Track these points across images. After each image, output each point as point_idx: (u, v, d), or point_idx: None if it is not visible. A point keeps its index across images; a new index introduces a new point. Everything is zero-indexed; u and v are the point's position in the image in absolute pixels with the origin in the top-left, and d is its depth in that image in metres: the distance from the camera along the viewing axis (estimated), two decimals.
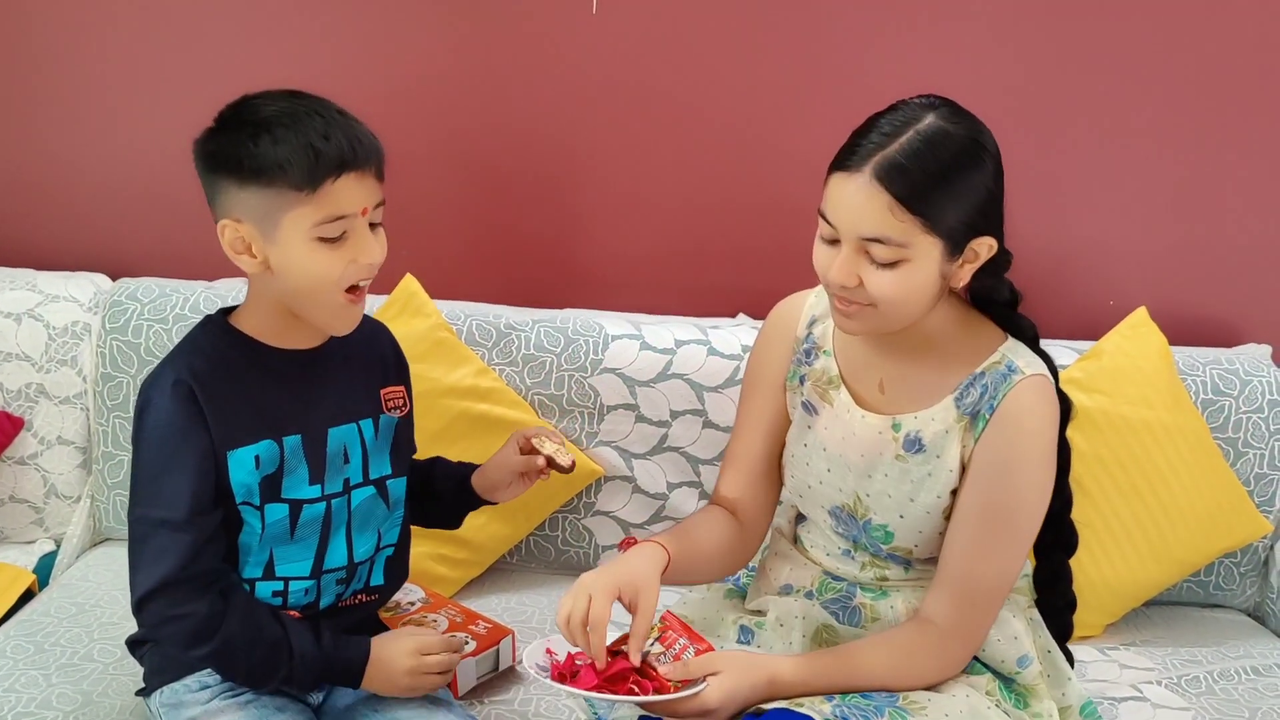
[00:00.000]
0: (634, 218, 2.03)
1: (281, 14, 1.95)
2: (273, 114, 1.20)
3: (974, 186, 1.21)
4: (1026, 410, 1.26)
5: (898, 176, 1.18)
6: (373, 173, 1.23)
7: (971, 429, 1.28)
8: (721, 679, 1.21)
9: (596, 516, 1.88)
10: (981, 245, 1.24)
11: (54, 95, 2.00)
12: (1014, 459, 1.26)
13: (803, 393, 1.40)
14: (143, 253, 2.03)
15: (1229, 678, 1.68)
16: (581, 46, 1.94)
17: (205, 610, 1.22)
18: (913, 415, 1.31)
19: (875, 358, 1.35)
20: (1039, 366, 1.29)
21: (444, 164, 2.01)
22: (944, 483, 1.30)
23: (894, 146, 1.19)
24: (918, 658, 1.28)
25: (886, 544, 1.35)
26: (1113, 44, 1.91)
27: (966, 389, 1.29)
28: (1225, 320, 2.02)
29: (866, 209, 1.19)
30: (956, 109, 1.25)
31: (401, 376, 1.42)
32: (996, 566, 1.28)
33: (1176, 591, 1.87)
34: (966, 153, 1.21)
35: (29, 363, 1.87)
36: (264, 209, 1.20)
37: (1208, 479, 1.80)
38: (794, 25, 1.92)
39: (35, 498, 1.90)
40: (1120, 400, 1.79)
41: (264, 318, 1.29)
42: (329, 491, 1.32)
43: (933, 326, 1.30)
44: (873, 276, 1.21)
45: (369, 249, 1.23)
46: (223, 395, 1.25)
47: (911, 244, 1.19)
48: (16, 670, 1.52)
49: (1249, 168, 1.96)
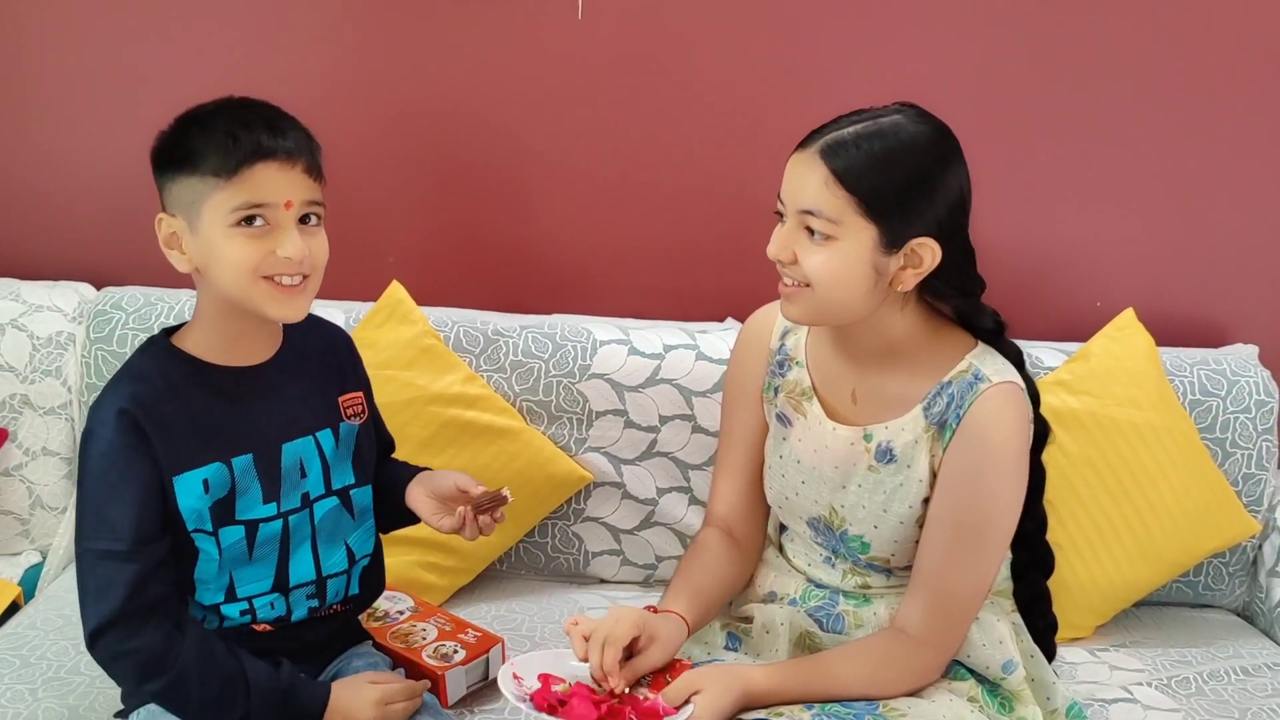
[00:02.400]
0: (621, 223, 2.02)
1: (271, 22, 1.94)
2: (208, 110, 1.22)
3: (917, 180, 1.21)
4: (992, 419, 1.25)
5: (840, 152, 1.21)
6: (300, 167, 1.21)
7: (940, 438, 1.28)
8: (706, 698, 1.22)
9: (586, 523, 1.87)
10: (924, 248, 1.23)
11: (37, 103, 1.99)
12: (981, 469, 1.26)
13: (777, 404, 1.41)
14: (127, 262, 2.01)
15: (1219, 678, 1.68)
16: (568, 51, 1.94)
17: (158, 643, 1.20)
18: (884, 425, 1.31)
19: (846, 368, 1.35)
20: (1009, 374, 1.28)
21: (430, 170, 2.01)
22: (915, 493, 1.30)
23: (847, 130, 1.23)
24: (893, 666, 1.28)
25: (864, 554, 1.35)
26: (1100, 44, 1.91)
27: (934, 398, 1.29)
28: (1212, 320, 2.03)
29: (806, 180, 1.22)
30: (926, 115, 1.26)
31: (359, 382, 1.40)
32: (969, 576, 1.28)
33: (1166, 592, 1.88)
34: (920, 149, 1.22)
35: (13, 373, 1.86)
36: (189, 199, 1.20)
37: (1196, 479, 1.80)
38: (781, 28, 1.92)
39: (20, 509, 1.88)
40: (1108, 401, 1.79)
41: (208, 332, 1.27)
42: (286, 508, 1.29)
43: (899, 334, 1.30)
44: (806, 252, 1.23)
45: (287, 242, 1.19)
46: (167, 420, 1.22)
47: (843, 222, 1.21)
48: (2, 684, 1.51)
49: (1236, 168, 1.97)
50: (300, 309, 1.24)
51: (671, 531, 1.87)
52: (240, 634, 1.30)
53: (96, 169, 2.01)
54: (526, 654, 1.34)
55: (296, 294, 1.23)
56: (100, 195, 2.02)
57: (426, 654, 1.52)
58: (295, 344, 1.33)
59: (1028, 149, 1.97)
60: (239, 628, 1.29)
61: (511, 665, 1.29)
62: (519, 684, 1.26)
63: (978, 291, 1.30)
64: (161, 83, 1.97)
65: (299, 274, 1.22)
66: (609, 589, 1.89)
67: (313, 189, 1.23)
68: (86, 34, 1.96)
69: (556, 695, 1.24)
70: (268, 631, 1.31)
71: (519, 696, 1.24)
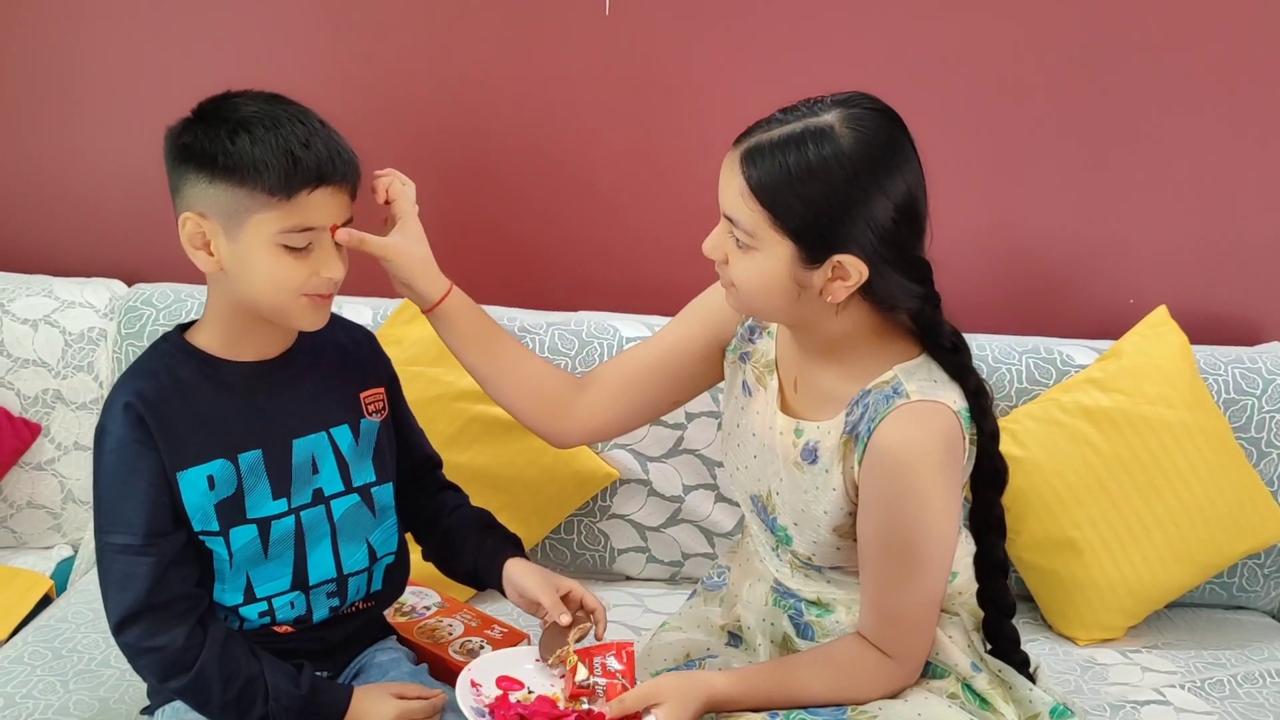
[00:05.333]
0: (648, 219, 2.02)
1: (299, 19, 1.95)
2: (253, 114, 1.18)
3: (838, 200, 1.13)
4: (901, 441, 1.16)
5: (756, 163, 1.15)
6: (347, 190, 1.22)
7: (853, 450, 1.20)
8: (667, 710, 1.19)
9: (612, 520, 1.87)
10: (850, 264, 1.14)
11: (67, 100, 2.01)
12: (898, 491, 1.18)
13: (744, 371, 1.37)
14: (158, 258, 2.03)
15: (1253, 681, 1.66)
16: (596, 48, 1.94)
17: (181, 640, 1.20)
18: (815, 424, 1.25)
19: (794, 354, 1.30)
20: (936, 394, 1.18)
21: (459, 167, 2.01)
22: (831, 500, 1.24)
23: (773, 134, 1.15)
24: (858, 675, 1.25)
25: (789, 546, 1.31)
26: (1135, 42, 1.89)
27: (854, 405, 1.21)
28: (1247, 319, 2.00)
29: (727, 185, 1.18)
30: (870, 116, 1.16)
31: (381, 378, 1.39)
32: (913, 593, 1.22)
33: (1199, 593, 1.86)
34: (838, 166, 1.12)
35: (45, 369, 1.88)
36: (231, 208, 1.17)
37: (1229, 479, 1.78)
38: (811, 27, 1.91)
39: (53, 503, 1.90)
40: (1140, 400, 1.77)
41: (221, 328, 1.26)
42: (297, 504, 1.29)
43: (837, 334, 1.23)
44: (734, 257, 1.20)
45: (332, 264, 1.21)
46: (171, 415, 1.22)
47: (758, 235, 1.16)
48: (35, 676, 1.53)
49: (1270, 165, 1.94)
50: (325, 317, 1.26)
51: (698, 528, 1.87)
52: (260, 637, 1.29)
53: (127, 166, 2.03)
54: (482, 657, 1.31)
55: (325, 304, 1.25)
56: (131, 192, 2.04)
57: (453, 649, 1.52)
58: (310, 340, 1.32)
59: (1062, 146, 1.95)
60: (259, 630, 1.29)
61: (469, 672, 1.26)
62: (477, 692, 1.24)
63: (931, 305, 1.20)
64: (190, 80, 1.97)
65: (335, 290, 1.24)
66: (635, 586, 1.89)
67: (350, 208, 1.24)
68: (115, 31, 1.98)
69: (515, 710, 1.21)
70: (289, 634, 1.31)
71: (476, 711, 1.20)
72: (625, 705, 1.20)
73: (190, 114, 1.22)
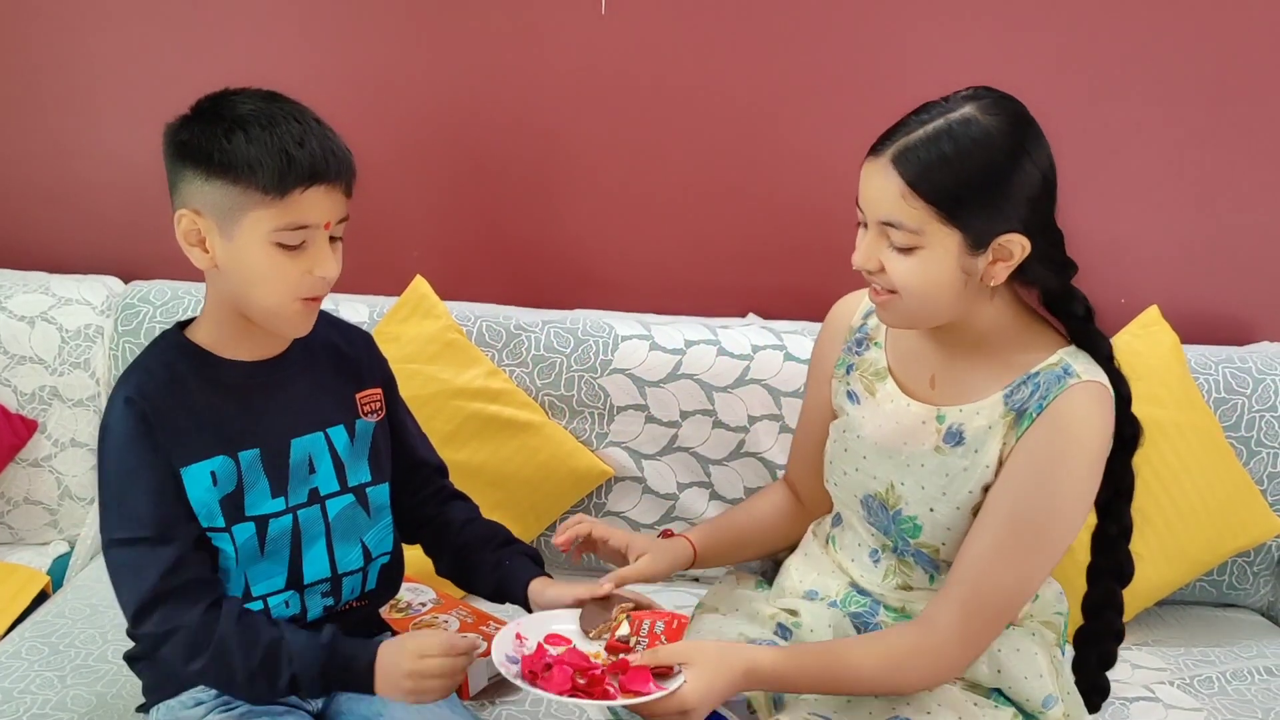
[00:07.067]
0: (643, 218, 2.03)
1: (296, 18, 1.96)
2: (249, 112, 1.18)
3: (998, 181, 1.18)
4: (1077, 415, 1.21)
5: (912, 162, 1.18)
6: (341, 187, 1.22)
7: (1016, 426, 1.23)
8: (697, 674, 1.16)
9: (607, 517, 1.88)
10: (1013, 243, 1.20)
11: (64, 97, 2.01)
12: (1054, 462, 1.21)
13: (849, 381, 1.39)
14: (155, 255, 2.03)
15: (1242, 678, 1.67)
16: (591, 47, 1.94)
17: (197, 619, 1.19)
18: (958, 408, 1.28)
19: (928, 352, 1.33)
20: (1099, 375, 1.24)
21: (454, 165, 2.02)
22: (978, 478, 1.25)
23: (919, 133, 1.18)
24: (911, 663, 1.23)
25: (914, 538, 1.31)
26: (1125, 41, 1.90)
27: (1018, 387, 1.25)
28: (1237, 318, 2.01)
29: (883, 192, 1.20)
30: (1002, 101, 1.22)
31: (378, 379, 1.39)
32: (1014, 576, 1.23)
33: (1189, 591, 1.87)
34: (994, 146, 1.18)
35: (42, 365, 1.88)
36: (226, 205, 1.18)
37: (1220, 478, 1.79)
38: (805, 25, 1.92)
39: (49, 499, 1.91)
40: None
41: (218, 325, 1.27)
42: (294, 503, 1.29)
43: (986, 324, 1.27)
44: (892, 262, 1.21)
45: (325, 263, 1.21)
46: (171, 411, 1.22)
47: (925, 231, 1.18)
48: (32, 672, 1.53)
49: (1261, 165, 1.95)
50: (311, 323, 1.27)
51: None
52: None
53: (125, 163, 2.04)
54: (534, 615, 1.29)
55: (314, 308, 1.25)
56: (128, 190, 2.05)
57: None
58: (306, 340, 1.32)
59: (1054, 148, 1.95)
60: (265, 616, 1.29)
61: (516, 625, 1.25)
62: (520, 644, 1.23)
63: (1069, 275, 1.27)
64: (188, 78, 1.97)
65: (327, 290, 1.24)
66: None
67: (346, 206, 1.24)
68: (112, 29, 1.98)
69: (545, 658, 1.19)
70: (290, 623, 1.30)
71: (509, 658, 1.19)
72: (658, 657, 1.18)
73: (189, 111, 1.23)
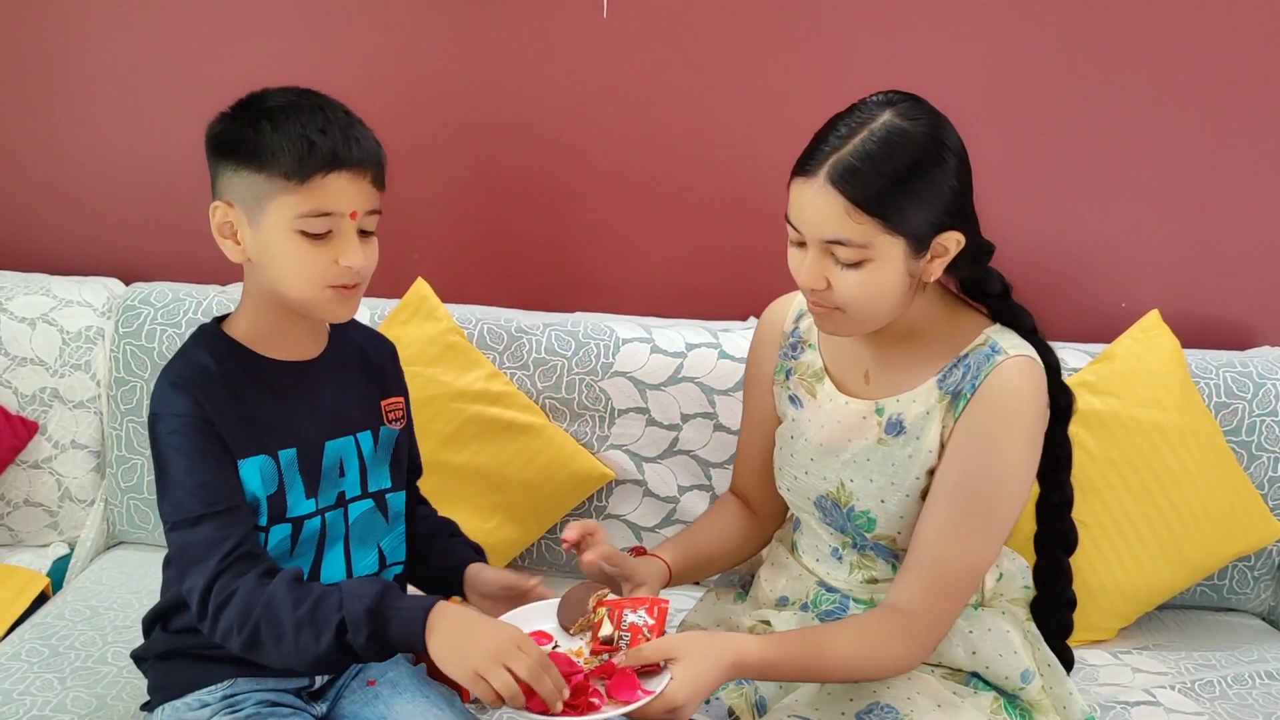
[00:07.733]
0: (644, 221, 2.03)
1: (296, 20, 1.96)
2: (278, 105, 1.21)
3: (932, 183, 1.20)
4: (1009, 389, 1.24)
5: (851, 179, 1.18)
6: (369, 178, 1.22)
7: (953, 408, 1.27)
8: (684, 668, 1.15)
9: (607, 520, 1.88)
10: (948, 240, 1.23)
11: (66, 99, 2.02)
12: (992, 437, 1.25)
13: (789, 386, 1.42)
14: (156, 257, 2.04)
15: (1243, 682, 1.67)
16: (593, 50, 1.95)
17: (253, 581, 1.16)
18: (895, 399, 1.31)
19: (860, 349, 1.36)
20: (1025, 349, 1.28)
21: (456, 168, 2.02)
22: (922, 463, 1.28)
23: (848, 149, 1.19)
24: (886, 646, 1.25)
25: (870, 531, 1.34)
26: (1125, 43, 1.91)
27: (950, 370, 1.28)
28: (1238, 323, 2.01)
29: (825, 213, 1.20)
30: (916, 104, 1.23)
31: (401, 388, 1.41)
32: (968, 550, 1.26)
33: (1190, 595, 1.87)
34: (923, 150, 1.20)
35: (43, 367, 1.88)
36: (253, 194, 1.19)
37: (1220, 482, 1.79)
38: (805, 28, 1.92)
39: (49, 501, 1.91)
40: (1132, 403, 1.79)
41: (257, 320, 1.28)
42: (322, 505, 1.29)
43: (915, 317, 1.30)
44: (839, 278, 1.22)
45: (351, 252, 1.20)
46: (223, 405, 1.22)
47: (873, 244, 1.20)
48: (31, 674, 1.53)
49: (1262, 169, 1.95)
50: (352, 309, 1.26)
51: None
52: None
53: (126, 166, 2.04)
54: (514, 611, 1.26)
55: (350, 295, 1.24)
56: (130, 192, 2.05)
57: None
58: (340, 344, 1.34)
59: (1052, 149, 1.96)
60: None
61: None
62: None
63: (988, 256, 1.30)
64: (192, 81, 1.99)
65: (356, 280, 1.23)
66: None
67: (376, 199, 1.24)
68: (116, 33, 1.98)
69: None
70: None
71: None
72: (642, 655, 1.17)
73: (228, 109, 1.24)
